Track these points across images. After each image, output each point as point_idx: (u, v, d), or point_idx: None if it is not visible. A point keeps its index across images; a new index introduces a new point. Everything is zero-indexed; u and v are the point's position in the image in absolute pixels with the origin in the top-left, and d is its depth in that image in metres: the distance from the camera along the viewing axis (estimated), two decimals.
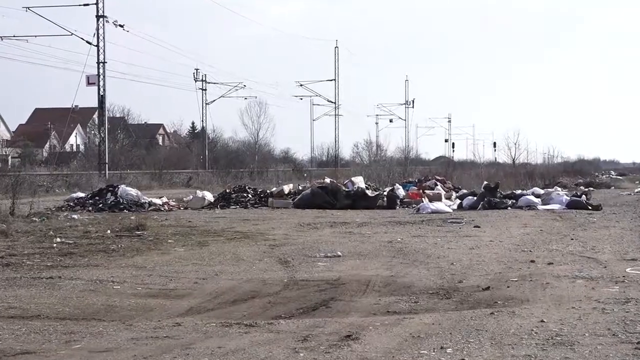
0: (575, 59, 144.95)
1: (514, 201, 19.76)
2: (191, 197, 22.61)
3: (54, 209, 18.46)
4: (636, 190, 30.77)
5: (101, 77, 36.65)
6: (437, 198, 21.30)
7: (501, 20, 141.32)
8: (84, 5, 35.69)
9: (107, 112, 39.64)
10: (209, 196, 21.83)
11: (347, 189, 20.83)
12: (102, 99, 37.26)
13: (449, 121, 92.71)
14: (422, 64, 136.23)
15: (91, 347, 4.97)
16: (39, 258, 9.36)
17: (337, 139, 64.28)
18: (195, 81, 53.76)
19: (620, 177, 54.07)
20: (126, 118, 61.42)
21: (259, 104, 74.10)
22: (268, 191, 22.52)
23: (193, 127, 77.14)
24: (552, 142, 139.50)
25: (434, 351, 4.69)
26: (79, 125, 68.80)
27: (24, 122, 72.63)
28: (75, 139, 70.37)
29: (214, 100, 56.29)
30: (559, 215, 16.95)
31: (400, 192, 22.28)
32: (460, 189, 24.89)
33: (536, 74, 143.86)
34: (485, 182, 22.49)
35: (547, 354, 4.62)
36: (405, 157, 70.02)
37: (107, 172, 36.10)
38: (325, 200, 20.03)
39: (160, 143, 73.76)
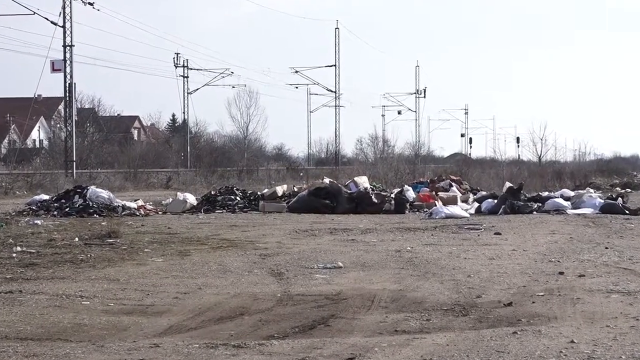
0: (610, 41, 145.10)
1: (540, 205, 19.79)
2: (171, 199, 22.60)
3: (13, 214, 18.45)
4: None
5: (68, 62, 36.66)
6: (452, 201, 21.32)
7: None
8: None
9: (74, 103, 39.67)
10: (191, 199, 21.82)
11: (349, 191, 20.85)
12: (69, 88, 37.26)
13: (466, 113, 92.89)
14: (434, 48, 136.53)
15: None
16: None
17: (337, 133, 64.32)
18: (176, 67, 53.86)
19: None
20: (97, 109, 61.39)
21: (249, 94, 74.23)
22: (259, 193, 22.53)
23: (173, 119, 77.30)
24: (583, 137, 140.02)
25: None
26: (42, 118, 68.81)
27: None
28: (38, 134, 70.36)
29: (197, 89, 56.49)
30: (592, 221, 16.97)
31: (410, 194, 22.30)
32: (479, 191, 24.91)
33: (565, 59, 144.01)
34: (507, 183, 22.53)
35: None
36: (416, 154, 70.09)
37: (74, 171, 36.11)
38: (324, 203, 20.05)
39: (136, 138, 73.74)
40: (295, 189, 22.88)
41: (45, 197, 21.04)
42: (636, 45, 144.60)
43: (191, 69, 54.88)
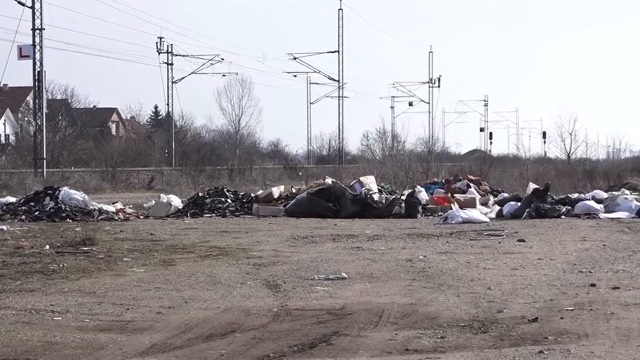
0: None
1: (569, 208, 19.79)
2: (153, 202, 22.61)
3: None
4: None
5: (37, 47, 36.68)
6: (470, 204, 21.31)
7: None
8: None
9: (45, 93, 39.70)
10: (177, 201, 21.82)
11: (354, 192, 20.86)
12: (38, 76, 37.27)
13: (486, 105, 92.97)
14: (450, 32, 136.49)
15: None
16: None
17: (341, 127, 64.39)
18: (159, 53, 53.92)
19: None
20: (70, 101, 61.45)
21: (241, 83, 74.25)
22: (252, 195, 22.53)
23: (156, 112, 77.34)
24: (618, 132, 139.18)
25: None
26: (8, 110, 68.81)
27: None
28: (3, 128, 70.38)
29: (183, 78, 56.59)
30: (627, 226, 16.96)
31: (423, 195, 22.30)
32: (500, 192, 24.92)
33: (599, 46, 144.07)
34: (532, 184, 22.52)
35: None
36: (429, 150, 70.15)
37: (45, 170, 36.12)
38: (326, 206, 20.05)
39: (114, 133, 73.85)
40: (294, 190, 22.88)
41: (12, 199, 21.05)
42: None
43: (176, 55, 54.98)
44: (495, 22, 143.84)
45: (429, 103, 76.96)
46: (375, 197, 20.60)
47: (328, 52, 62.14)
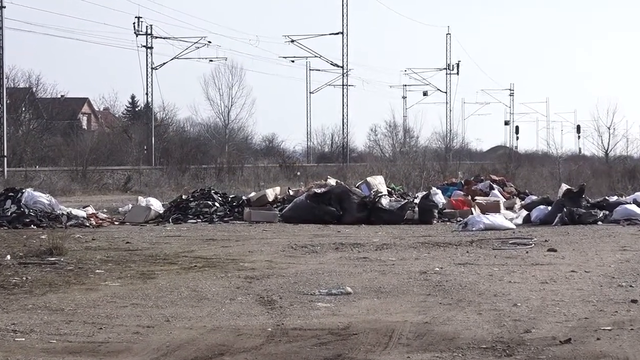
0: None
1: (607, 213, 19.78)
2: (130, 206, 22.59)
3: None
4: None
5: None
6: (493, 208, 21.30)
7: None
8: None
9: (5, 81, 39.73)
10: (157, 205, 21.82)
11: (360, 195, 20.86)
12: None
13: (511, 94, 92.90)
14: (471, 11, 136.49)
15: None
16: None
17: (345, 120, 64.31)
18: (137, 35, 53.93)
19: None
20: (34, 90, 61.47)
21: (231, 69, 74.35)
22: (244, 197, 22.53)
23: (133, 103, 77.39)
24: None
25: None
26: None
27: None
28: None
29: (164, 64, 56.58)
30: None
31: (439, 198, 22.30)
32: (528, 195, 24.92)
33: None
34: (565, 185, 22.51)
35: None
36: (447, 146, 70.21)
37: (5, 169, 36.15)
38: (328, 211, 20.06)
39: (85, 126, 73.85)
40: (291, 193, 22.88)
41: None
42: None
43: (156, 37, 54.96)
44: (522, 0, 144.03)
45: (446, 92, 76.95)
46: (385, 200, 20.60)
47: (330, 34, 62.11)
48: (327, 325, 7.93)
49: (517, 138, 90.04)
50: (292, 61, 63.63)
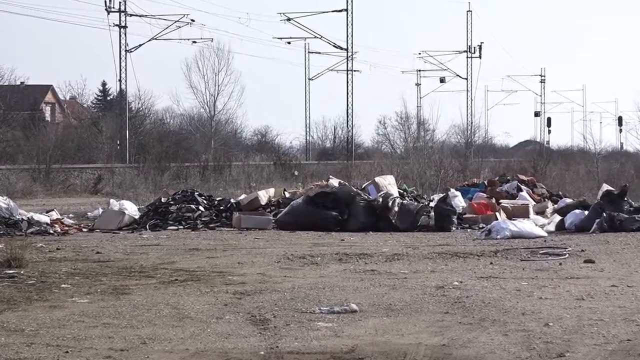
0: None
1: None
2: (100, 210, 22.58)
3: None
4: None
5: None
6: (521, 212, 21.29)
7: None
8: None
9: None
10: (132, 209, 21.81)
11: (367, 198, 20.86)
12: None
13: (542, 81, 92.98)
14: None
15: None
16: None
17: (350, 111, 64.38)
18: (108, 13, 53.92)
19: None
20: None
21: (217, 52, 74.42)
22: (232, 201, 22.53)
23: (104, 91, 77.42)
24: None
25: None
26: None
27: None
28: None
29: (141, 46, 56.63)
30: None
31: (459, 202, 22.27)
32: (561, 197, 24.89)
33: None
34: (605, 186, 22.48)
35: None
36: (467, 141, 70.21)
37: None
38: (330, 216, 20.04)
39: (48, 118, 73.87)
40: (287, 195, 22.87)
41: None
42: None
43: (131, 14, 54.99)
44: None
45: (466, 79, 76.97)
46: (396, 203, 20.59)
47: (333, 12, 62.23)
48: (329, 348, 7.93)
49: (549, 131, 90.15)
50: (289, 43, 63.78)
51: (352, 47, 62.54)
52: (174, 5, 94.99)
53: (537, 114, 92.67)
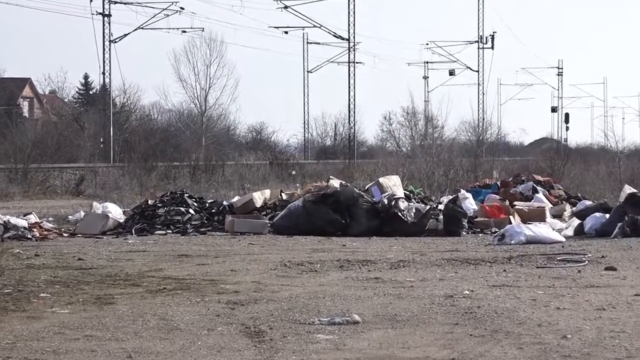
0: None
1: None
2: (82, 213, 22.57)
3: None
4: None
5: None
6: (537, 216, 21.28)
7: None
8: None
9: None
10: (116, 212, 21.79)
11: (371, 200, 20.86)
12: None
13: (559, 74, 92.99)
14: None
15: None
16: None
17: (352, 106, 64.39)
18: (91, 0, 53.94)
19: None
20: None
21: (209, 43, 74.40)
22: (225, 203, 22.51)
23: (86, 84, 77.48)
24: None
25: None
26: None
27: None
28: None
29: (126, 36, 56.62)
30: None
31: (469, 204, 22.28)
32: (581, 199, 24.88)
33: None
34: (628, 187, 22.46)
35: None
36: (479, 139, 70.16)
37: None
38: (331, 219, 20.04)
39: (26, 114, 73.91)
40: (284, 197, 22.85)
41: None
42: None
43: (116, 2, 55.00)
44: None
45: (478, 71, 76.89)
46: (402, 206, 20.59)
47: None
48: None
49: (567, 128, 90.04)
50: (286, 32, 63.79)
51: (354, 37, 62.61)
52: None
53: (554, 110, 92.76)
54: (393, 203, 20.45)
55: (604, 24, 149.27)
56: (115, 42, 55.51)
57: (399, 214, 20.13)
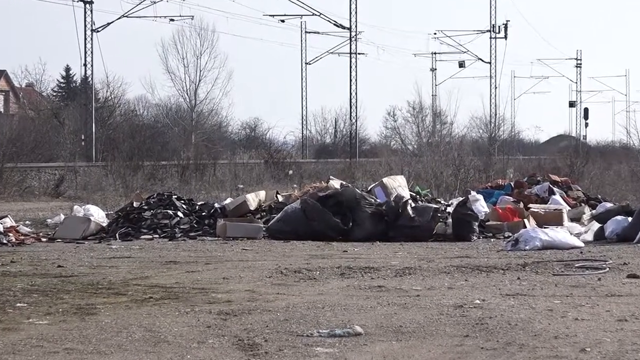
0: None
1: None
2: (62, 217, 22.55)
3: None
4: None
5: None
6: (553, 219, 21.28)
7: None
8: None
9: None
10: (99, 215, 21.79)
11: (374, 202, 20.85)
12: None
13: (578, 66, 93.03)
14: None
15: None
16: None
17: (354, 100, 64.41)
18: None
19: None
20: None
21: (199, 32, 74.47)
22: (217, 205, 22.50)
23: (67, 77, 77.45)
24: None
25: None
26: None
27: None
28: None
29: (109, 24, 56.58)
30: None
31: (480, 207, 22.28)
32: (601, 202, 24.91)
33: None
34: None
35: None
36: (491, 136, 70.29)
37: None
38: (331, 223, 20.04)
39: (1, 108, 73.88)
40: (280, 199, 22.85)
41: None
42: None
43: None
44: None
45: (490, 63, 77.04)
46: (408, 208, 20.60)
47: None
48: None
49: (586, 124, 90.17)
50: (282, 21, 63.75)
51: (355, 26, 62.65)
52: None
53: (572, 104, 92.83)
54: (398, 205, 20.48)
55: (626, 12, 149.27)
56: (98, 31, 55.53)
57: (405, 217, 20.15)
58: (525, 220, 20.90)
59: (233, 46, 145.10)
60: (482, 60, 76.74)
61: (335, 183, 22.94)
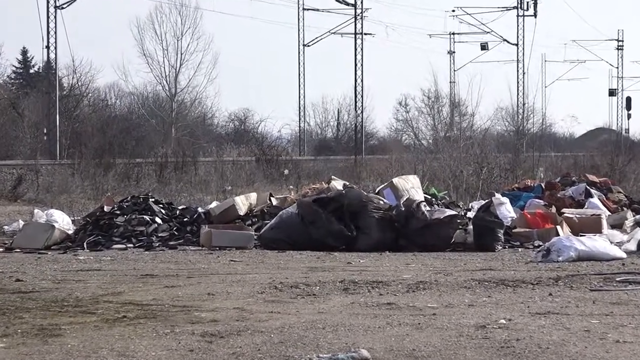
0: None
1: None
2: (21, 223, 22.58)
3: None
4: None
5: None
6: (591, 226, 21.29)
7: None
8: None
9: None
10: (64, 221, 21.81)
11: (382, 206, 20.87)
12: None
13: (619, 48, 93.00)
14: None
15: None
16: None
17: (359, 88, 64.46)
18: None
19: None
20: None
21: (180, 10, 74.58)
22: (200, 210, 22.53)
23: (25, 61, 77.47)
24: None
25: None
26: None
27: None
28: None
29: (76, 0, 56.64)
30: None
31: (506, 211, 22.29)
32: None
33: None
34: None
35: None
36: (518, 129, 70.31)
37: None
38: (333, 230, 20.06)
39: None
40: (274, 202, 22.89)
41: None
42: None
43: None
44: None
45: (517, 45, 77.10)
46: (422, 213, 20.62)
47: None
48: None
49: (629, 116, 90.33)
50: None
51: (361, 2, 62.67)
52: None
53: (612, 93, 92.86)
54: (411, 210, 20.50)
55: None
56: (63, 7, 55.52)
57: (418, 223, 20.18)
58: (558, 227, 20.92)
59: (219, 26, 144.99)
60: (508, 42, 76.86)
61: (338, 184, 22.99)
